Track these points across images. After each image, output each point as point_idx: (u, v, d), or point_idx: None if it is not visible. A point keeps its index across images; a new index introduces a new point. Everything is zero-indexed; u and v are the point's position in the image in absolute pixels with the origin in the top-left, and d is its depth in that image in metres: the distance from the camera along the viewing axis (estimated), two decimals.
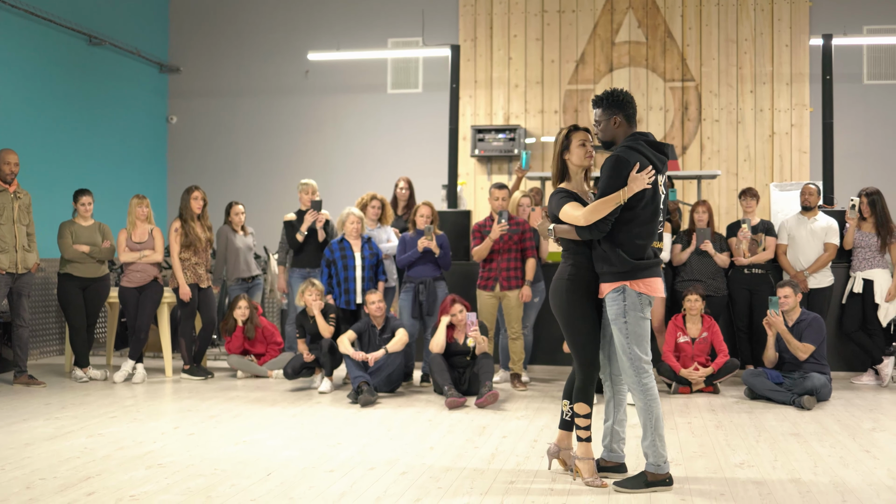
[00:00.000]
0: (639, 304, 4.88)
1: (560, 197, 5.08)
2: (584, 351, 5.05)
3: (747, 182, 12.37)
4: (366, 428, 6.52)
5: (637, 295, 4.87)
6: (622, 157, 4.84)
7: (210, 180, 12.83)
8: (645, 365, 4.90)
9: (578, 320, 5.04)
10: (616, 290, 4.90)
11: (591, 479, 4.95)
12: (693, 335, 8.36)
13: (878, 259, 8.86)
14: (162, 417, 6.94)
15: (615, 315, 4.91)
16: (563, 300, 5.07)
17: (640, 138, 4.94)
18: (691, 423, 6.74)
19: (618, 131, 5.03)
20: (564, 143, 5.18)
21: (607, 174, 4.84)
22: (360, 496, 4.67)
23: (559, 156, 5.20)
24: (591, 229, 4.87)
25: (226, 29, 14.00)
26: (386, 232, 9.28)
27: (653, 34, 13.00)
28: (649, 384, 4.90)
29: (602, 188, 4.85)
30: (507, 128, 12.71)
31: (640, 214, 4.86)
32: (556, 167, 5.23)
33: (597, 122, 5.11)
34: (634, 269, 4.86)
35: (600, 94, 5.07)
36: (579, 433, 5.08)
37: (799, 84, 12.66)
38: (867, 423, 6.79)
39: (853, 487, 4.87)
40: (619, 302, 4.89)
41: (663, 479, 4.84)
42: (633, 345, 4.88)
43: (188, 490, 4.77)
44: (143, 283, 8.94)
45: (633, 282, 4.86)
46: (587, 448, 5.06)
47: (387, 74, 13.66)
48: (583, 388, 5.07)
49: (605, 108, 5.04)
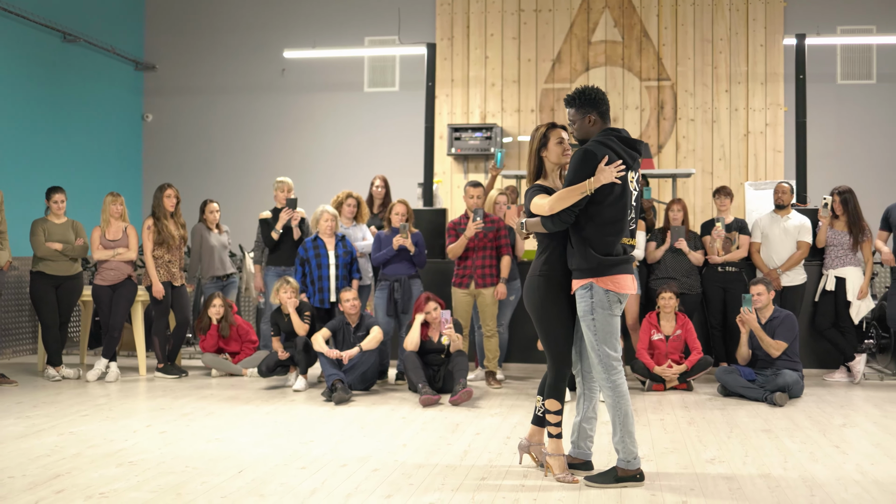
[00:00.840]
0: (606, 302, 4.87)
1: (534, 191, 5.10)
2: (557, 348, 5.06)
3: (722, 181, 12.44)
4: (339, 425, 6.51)
5: (604, 292, 4.87)
6: (590, 150, 4.85)
7: (185, 178, 12.79)
8: (614, 362, 4.91)
9: (552, 317, 5.05)
10: (584, 287, 4.91)
11: (562, 476, 4.97)
12: (667, 333, 8.39)
13: (851, 257, 8.92)
14: (134, 416, 6.91)
15: (583, 312, 4.92)
16: (536, 297, 5.08)
17: (611, 134, 4.95)
18: (664, 420, 6.77)
19: (592, 129, 5.04)
20: (542, 141, 5.20)
21: (574, 166, 4.86)
22: (331, 493, 4.67)
23: (536, 153, 5.22)
24: (553, 219, 4.88)
25: (202, 27, 13.95)
26: (361, 230, 9.27)
27: (629, 33, 13.04)
28: (618, 381, 4.90)
29: (569, 179, 4.87)
30: (484, 126, 12.72)
31: (608, 210, 4.85)
32: (533, 164, 5.24)
33: (571, 121, 5.12)
34: (601, 266, 4.85)
35: (572, 93, 5.08)
36: (550, 429, 5.09)
37: (773, 84, 12.74)
38: (838, 419, 6.83)
39: (822, 482, 4.90)
40: (586, 299, 4.90)
41: (633, 475, 4.86)
42: (602, 342, 4.89)
43: (158, 487, 4.75)
44: (117, 281, 8.90)
45: (601, 279, 4.86)
46: (558, 444, 5.07)
47: (363, 73, 13.65)
48: (554, 385, 5.08)
49: (579, 107, 5.05)
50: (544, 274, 5.06)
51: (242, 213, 12.54)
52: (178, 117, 13.95)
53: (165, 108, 13.98)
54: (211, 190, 12.32)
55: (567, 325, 5.07)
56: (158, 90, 13.99)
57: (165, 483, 4.84)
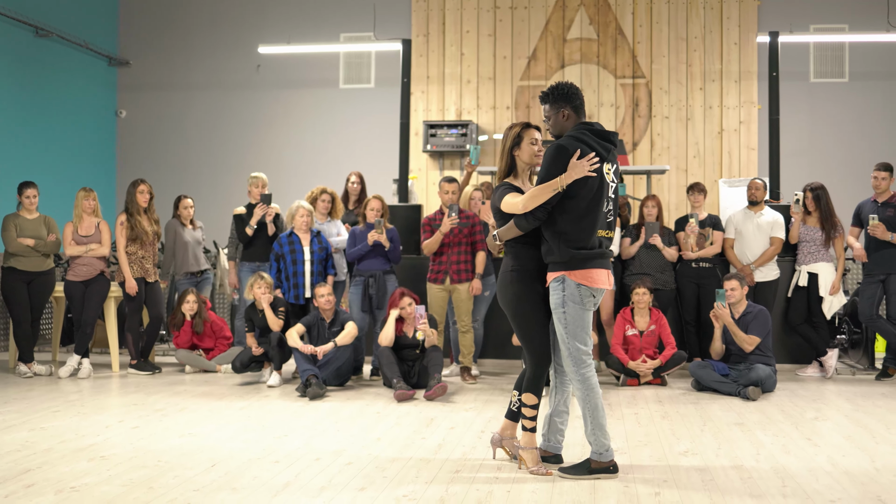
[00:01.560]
0: (578, 296, 4.86)
1: (503, 189, 5.10)
2: (534, 342, 5.06)
3: (696, 178, 12.49)
4: (313, 420, 6.50)
5: (576, 286, 4.86)
6: (562, 145, 4.85)
7: (159, 174, 12.71)
8: (584, 356, 4.91)
9: (527, 312, 5.05)
10: (556, 280, 4.91)
11: (535, 468, 4.97)
12: (641, 328, 8.42)
13: (823, 253, 8.98)
14: (106, 411, 6.86)
15: (555, 305, 4.92)
16: (509, 292, 5.08)
17: (585, 128, 4.95)
18: (638, 414, 6.79)
19: (567, 124, 5.04)
20: (516, 140, 5.20)
21: (547, 162, 4.86)
22: (305, 486, 4.65)
23: (509, 151, 5.22)
24: (528, 217, 4.88)
25: (176, 22, 13.88)
26: (336, 226, 9.24)
27: (604, 31, 13.08)
28: (588, 374, 4.91)
29: (541, 176, 4.87)
30: (459, 123, 12.73)
31: (583, 203, 4.84)
32: (505, 162, 5.24)
33: (546, 117, 5.13)
34: (574, 260, 4.84)
35: (546, 89, 5.10)
36: (525, 423, 5.09)
37: (747, 82, 12.82)
38: (810, 412, 6.88)
39: (793, 473, 4.93)
40: (558, 292, 4.90)
41: (607, 467, 4.87)
42: (572, 336, 4.89)
43: (130, 482, 4.71)
44: (90, 276, 8.83)
45: (573, 272, 4.85)
46: (531, 438, 5.07)
47: (339, 70, 13.63)
48: (533, 380, 5.08)
49: (553, 103, 5.07)
50: (517, 269, 5.06)
51: (217, 210, 12.49)
52: (153, 113, 13.88)
53: (139, 104, 13.90)
54: (185, 186, 12.25)
55: (543, 320, 5.07)
56: (132, 86, 13.91)
57: (137, 477, 4.80)
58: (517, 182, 5.19)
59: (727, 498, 4.43)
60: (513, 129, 5.22)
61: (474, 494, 4.51)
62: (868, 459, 5.28)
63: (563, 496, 4.48)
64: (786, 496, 4.47)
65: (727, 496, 4.46)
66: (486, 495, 4.50)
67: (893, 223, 8.61)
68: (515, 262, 5.07)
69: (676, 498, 4.44)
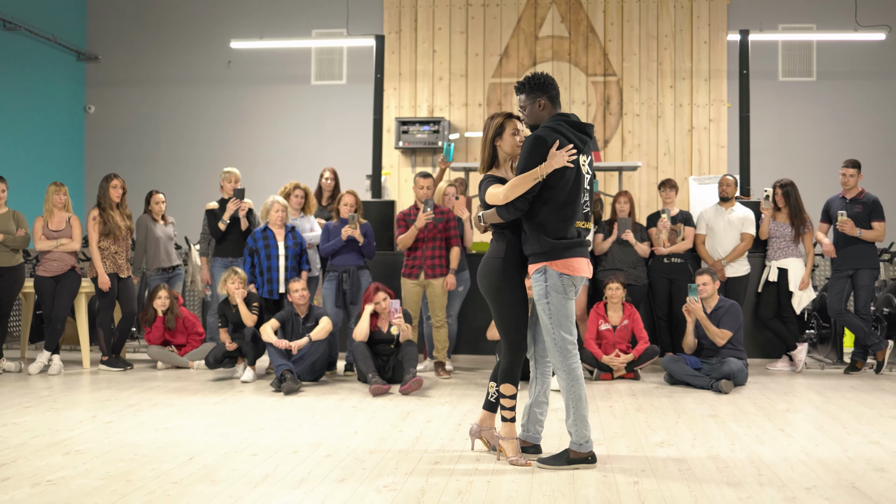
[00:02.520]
0: (560, 286, 4.90)
1: (488, 181, 5.12)
2: (512, 331, 5.08)
3: (667, 175, 12.58)
4: (289, 414, 6.48)
5: (559, 276, 4.89)
6: (540, 135, 4.88)
7: (129, 170, 12.59)
8: (570, 346, 4.93)
9: (508, 301, 5.07)
10: (539, 271, 4.93)
11: (515, 458, 4.99)
12: (614, 323, 8.47)
13: (793, 249, 9.08)
14: (78, 407, 6.80)
15: (538, 296, 4.94)
16: (494, 279, 5.08)
17: (561, 119, 4.99)
18: (613, 407, 6.83)
19: (543, 114, 5.07)
20: (498, 130, 5.20)
21: (526, 153, 4.88)
22: (284, 478, 4.64)
23: (491, 142, 5.22)
24: (508, 208, 4.90)
25: (146, 17, 13.79)
26: (309, 221, 9.22)
27: (575, 29, 13.14)
28: (574, 365, 4.93)
29: (520, 166, 4.89)
30: (432, 120, 12.73)
31: (562, 193, 4.87)
32: (487, 153, 5.24)
33: (522, 107, 5.15)
34: (555, 250, 4.88)
35: (522, 80, 5.12)
36: (504, 413, 5.11)
37: (717, 80, 12.92)
38: (782, 405, 6.95)
39: (768, 462, 4.99)
40: (541, 283, 4.92)
41: (585, 458, 4.90)
42: (557, 325, 4.91)
43: (107, 475, 4.68)
44: (60, 272, 8.75)
45: (555, 262, 4.89)
46: (511, 428, 5.09)
47: (311, 66, 13.60)
48: (509, 369, 5.11)
49: (529, 93, 5.08)
50: (501, 257, 5.08)
51: (187, 206, 12.41)
52: (122, 109, 13.78)
53: (108, 99, 13.80)
54: (155, 183, 12.16)
55: (522, 309, 5.09)
56: (101, 81, 13.81)
57: (114, 470, 4.77)
58: (500, 172, 5.20)
59: (704, 487, 4.47)
60: (494, 119, 5.23)
61: (454, 485, 4.52)
62: (840, 449, 5.35)
63: (543, 486, 4.50)
64: (762, 484, 4.52)
65: (704, 485, 4.51)
66: (466, 485, 4.51)
67: (861, 219, 8.72)
68: (503, 251, 5.09)
69: (654, 487, 4.48)
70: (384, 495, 4.32)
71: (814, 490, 4.41)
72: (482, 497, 4.30)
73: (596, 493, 4.38)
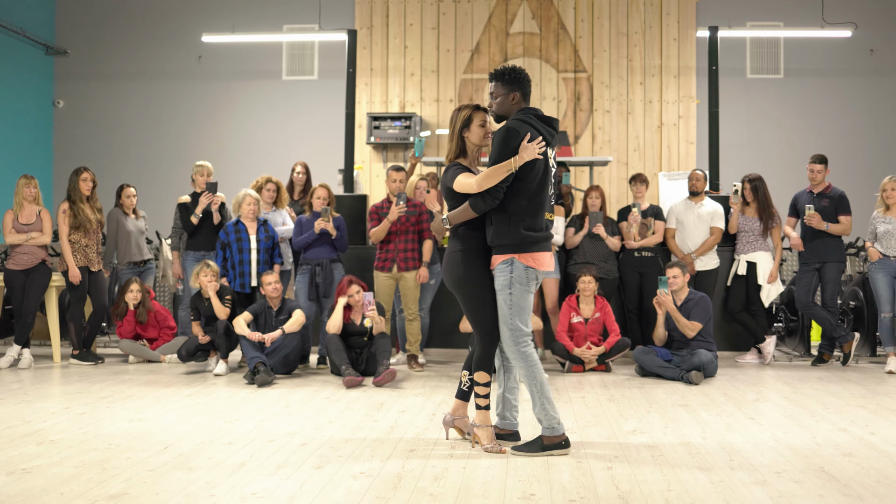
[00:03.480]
0: (525, 278, 4.98)
1: (455, 169, 5.15)
2: (484, 319, 5.12)
3: (637, 171, 12.67)
4: (263, 405, 6.49)
5: (525, 268, 4.98)
6: (513, 127, 4.94)
7: (98, 165, 12.45)
8: (524, 336, 5.03)
9: (477, 289, 5.11)
10: (505, 262, 5.00)
11: (490, 446, 5.03)
12: (586, 315, 8.54)
13: (761, 242, 9.18)
14: (50, 399, 6.77)
15: (501, 286, 5.01)
16: (460, 271, 5.12)
17: (530, 112, 5.06)
18: (585, 398, 6.89)
19: (513, 107, 5.12)
20: (465, 122, 5.24)
21: (499, 144, 4.94)
22: (261, 465, 4.65)
23: (459, 133, 5.26)
24: (483, 197, 4.94)
25: (116, 10, 13.72)
26: (281, 215, 9.21)
27: (546, 26, 13.22)
28: (528, 351, 5.02)
29: (493, 157, 4.94)
30: (403, 116, 12.76)
31: (532, 185, 4.96)
32: (455, 144, 5.28)
33: (493, 94, 5.18)
34: (524, 242, 4.96)
35: (500, 68, 5.15)
36: (478, 401, 5.15)
37: (686, 77, 13.04)
38: (751, 395, 7.05)
39: (739, 448, 5.06)
40: (506, 273, 4.99)
41: (559, 442, 4.95)
42: (515, 316, 5.00)
43: (82, 463, 4.67)
44: (30, 265, 8.69)
45: (522, 255, 4.97)
46: (486, 416, 5.13)
47: (282, 61, 13.58)
48: (483, 358, 5.15)
49: (505, 84, 5.11)
50: (465, 250, 5.12)
51: (157, 201, 12.35)
52: (91, 104, 13.70)
53: (77, 94, 13.71)
54: (124, 177, 12.06)
55: (491, 298, 5.13)
56: (70, 76, 13.71)
57: (89, 459, 4.77)
58: (466, 163, 5.24)
59: (677, 471, 4.54)
60: (462, 111, 5.26)
61: (431, 471, 4.56)
62: (809, 436, 5.43)
63: (518, 471, 4.55)
64: (733, 469, 4.59)
65: (677, 469, 4.57)
66: (442, 471, 4.55)
67: (828, 213, 8.84)
68: (463, 244, 5.13)
69: (628, 472, 4.54)
70: (361, 481, 4.35)
71: (784, 474, 4.49)
72: (458, 482, 4.34)
73: (571, 477, 4.43)
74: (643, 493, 4.14)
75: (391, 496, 4.10)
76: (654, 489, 4.21)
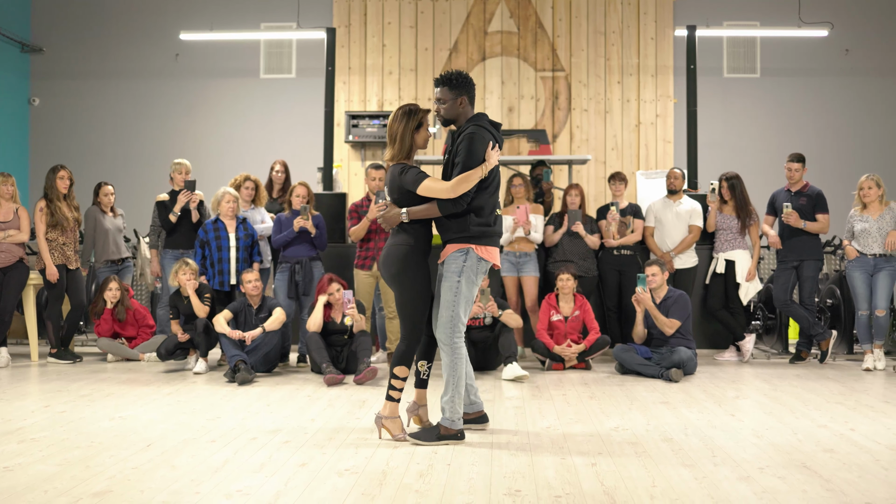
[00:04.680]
0: (476, 268, 5.21)
1: (416, 172, 5.24)
2: (414, 315, 5.28)
3: (615, 170, 12.68)
4: (244, 403, 6.47)
5: (478, 259, 5.21)
6: (478, 133, 5.16)
7: (75, 163, 12.35)
8: (461, 326, 5.22)
9: (412, 286, 5.25)
10: (460, 251, 5.21)
11: (399, 435, 5.23)
12: (566, 313, 8.56)
13: (739, 241, 9.23)
14: (29, 397, 6.72)
15: (451, 272, 5.20)
16: (402, 264, 5.25)
17: (483, 118, 5.30)
18: (566, 395, 6.91)
19: (461, 111, 5.33)
20: (419, 122, 5.32)
21: (469, 150, 5.12)
22: (245, 463, 4.64)
23: (412, 132, 5.30)
24: (455, 201, 5.13)
25: (92, 8, 13.61)
26: (260, 213, 9.19)
27: (524, 24, 13.23)
28: (459, 344, 5.23)
29: (464, 163, 5.11)
30: (381, 114, 12.74)
31: (491, 185, 5.25)
32: (408, 142, 5.32)
33: (441, 100, 5.33)
34: (482, 235, 5.20)
35: (446, 73, 5.32)
36: (392, 394, 5.31)
37: (663, 76, 13.10)
38: (731, 392, 7.09)
39: (721, 445, 5.09)
40: (458, 262, 5.19)
41: (455, 434, 5.17)
42: (458, 304, 5.19)
43: (65, 461, 4.64)
44: (7, 263, 8.60)
45: (479, 247, 5.20)
46: (395, 407, 5.31)
47: (259, 59, 13.52)
48: (406, 352, 5.32)
49: (453, 88, 5.30)
50: (409, 244, 5.26)
51: (134, 199, 12.26)
52: (68, 101, 13.58)
53: (53, 92, 13.59)
54: (101, 175, 11.93)
55: (425, 296, 5.30)
56: (46, 73, 13.59)
57: (72, 457, 4.73)
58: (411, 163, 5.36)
59: (661, 467, 4.56)
60: (418, 112, 5.34)
61: (415, 468, 4.56)
62: (790, 432, 5.48)
63: (503, 468, 4.56)
64: (716, 464, 4.62)
65: (661, 465, 4.59)
66: (426, 468, 4.55)
67: (806, 211, 8.90)
68: (410, 240, 5.27)
69: (612, 468, 4.55)
70: (346, 478, 4.34)
71: (766, 469, 4.52)
72: (443, 479, 4.35)
73: (555, 474, 4.44)
74: (628, 489, 4.16)
75: (377, 493, 4.10)
76: (639, 485, 4.23)
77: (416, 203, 5.22)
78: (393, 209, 5.27)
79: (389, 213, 5.29)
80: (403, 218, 5.22)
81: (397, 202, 5.29)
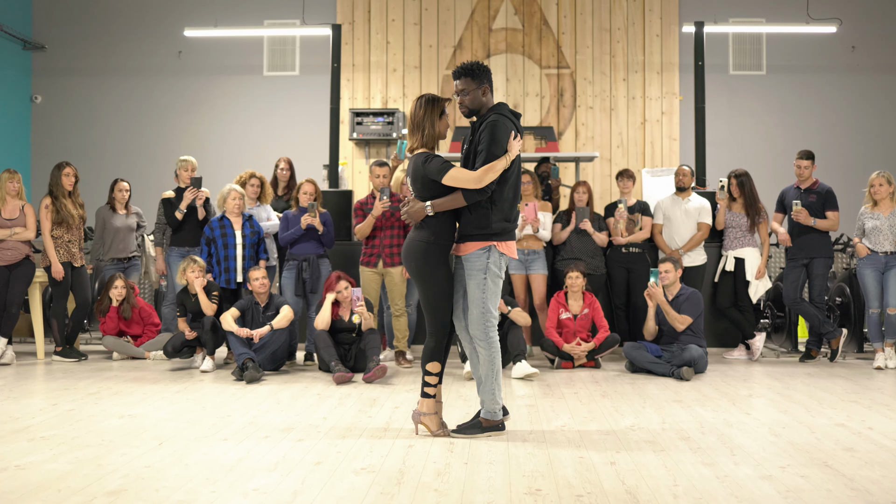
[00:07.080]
0: (500, 264, 5.22)
1: (441, 162, 5.17)
2: (440, 310, 5.26)
3: (620, 167, 12.65)
4: (254, 401, 6.40)
5: (500, 255, 5.20)
6: (502, 122, 5.13)
7: (77, 161, 12.17)
8: (493, 319, 5.23)
9: (436, 281, 5.22)
10: (483, 249, 5.19)
11: (438, 431, 5.22)
12: (575, 311, 8.50)
13: (748, 238, 9.18)
14: (37, 395, 6.66)
15: (477, 270, 5.18)
16: (421, 261, 5.21)
17: (505, 107, 5.27)
18: (578, 393, 6.85)
19: (485, 100, 5.30)
20: (443, 111, 5.30)
21: (495, 137, 5.08)
22: (258, 461, 4.58)
23: (435, 120, 5.27)
24: (481, 190, 5.08)
25: (94, 4, 13.55)
26: (265, 210, 9.13)
27: (529, 21, 13.18)
28: (494, 337, 5.24)
29: (491, 150, 5.07)
30: (385, 112, 12.68)
31: (511, 177, 5.19)
32: (431, 131, 5.27)
33: (464, 90, 5.28)
34: (503, 231, 5.20)
35: (466, 64, 5.30)
36: (427, 390, 5.29)
37: (669, 73, 13.04)
38: (743, 391, 7.03)
39: (740, 443, 5.03)
40: (483, 259, 5.17)
41: (496, 425, 5.23)
42: (488, 300, 5.19)
43: (77, 459, 4.58)
44: (14, 260, 8.54)
45: (501, 243, 5.20)
46: (432, 404, 5.28)
47: (263, 57, 13.46)
48: (436, 348, 5.31)
49: (476, 78, 5.27)
50: (430, 241, 5.21)
51: (137, 196, 12.09)
52: (70, 99, 13.52)
53: (56, 89, 13.52)
54: (103, 173, 11.93)
55: (448, 291, 5.28)
56: (48, 71, 13.53)
57: (83, 455, 4.67)
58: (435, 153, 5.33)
59: (681, 466, 4.50)
60: (440, 101, 5.31)
61: (432, 466, 4.50)
62: (807, 431, 5.42)
63: (521, 467, 4.50)
64: (737, 463, 4.56)
65: (680, 464, 4.54)
66: (444, 467, 4.49)
67: (815, 209, 8.85)
68: (432, 236, 5.22)
69: (632, 466, 4.50)
70: (363, 477, 4.28)
71: (788, 468, 4.46)
72: (462, 477, 4.29)
73: (575, 473, 4.38)
74: (650, 488, 4.10)
75: (395, 492, 4.03)
76: (661, 484, 4.17)
77: (437, 193, 5.16)
78: (416, 203, 5.21)
79: (413, 207, 5.23)
80: (428, 211, 5.17)
81: (419, 192, 5.22)
